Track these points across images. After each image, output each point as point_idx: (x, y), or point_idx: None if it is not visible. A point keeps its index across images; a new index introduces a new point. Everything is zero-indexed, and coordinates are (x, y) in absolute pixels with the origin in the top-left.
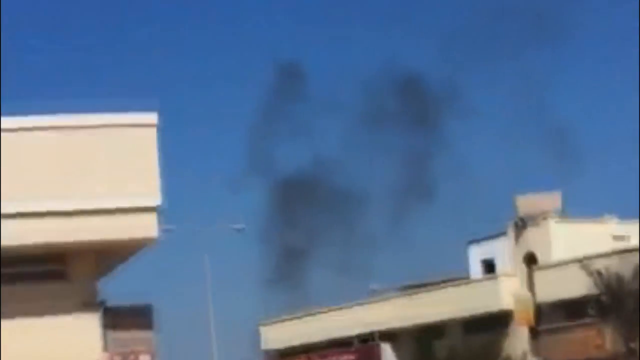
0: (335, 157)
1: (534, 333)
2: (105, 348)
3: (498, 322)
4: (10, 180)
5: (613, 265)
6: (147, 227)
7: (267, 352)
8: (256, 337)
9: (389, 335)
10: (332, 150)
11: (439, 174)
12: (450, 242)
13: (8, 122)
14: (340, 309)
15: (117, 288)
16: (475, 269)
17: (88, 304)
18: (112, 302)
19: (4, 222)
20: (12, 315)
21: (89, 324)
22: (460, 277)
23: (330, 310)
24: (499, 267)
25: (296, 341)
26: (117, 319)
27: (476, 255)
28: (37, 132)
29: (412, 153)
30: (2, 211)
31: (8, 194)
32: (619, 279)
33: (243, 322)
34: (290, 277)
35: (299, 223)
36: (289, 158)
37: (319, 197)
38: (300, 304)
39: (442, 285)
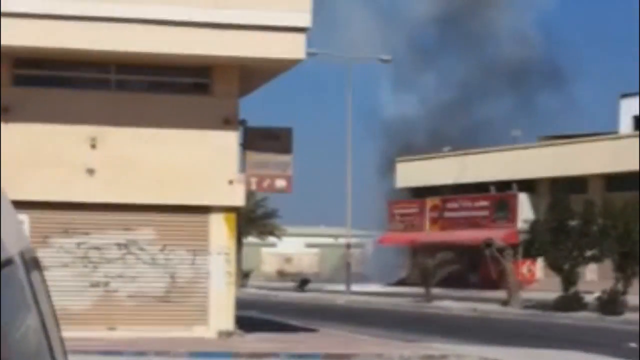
0: None
1: None
2: (242, 168)
3: None
4: None
5: None
6: (294, 47)
7: (401, 190)
8: (392, 173)
9: (526, 184)
10: None
11: None
12: (602, 95)
13: None
14: (479, 152)
15: (257, 109)
16: (626, 124)
17: (229, 121)
18: (252, 122)
19: (148, 27)
20: (151, 124)
21: (227, 142)
22: (609, 132)
23: (468, 153)
24: None
25: (431, 181)
26: (255, 139)
27: (628, 109)
28: None
29: None
30: (150, 16)
31: None
32: None
33: (380, 157)
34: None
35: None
36: None
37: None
38: (440, 144)
39: (588, 138)
